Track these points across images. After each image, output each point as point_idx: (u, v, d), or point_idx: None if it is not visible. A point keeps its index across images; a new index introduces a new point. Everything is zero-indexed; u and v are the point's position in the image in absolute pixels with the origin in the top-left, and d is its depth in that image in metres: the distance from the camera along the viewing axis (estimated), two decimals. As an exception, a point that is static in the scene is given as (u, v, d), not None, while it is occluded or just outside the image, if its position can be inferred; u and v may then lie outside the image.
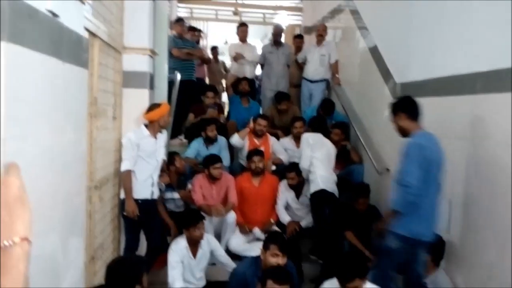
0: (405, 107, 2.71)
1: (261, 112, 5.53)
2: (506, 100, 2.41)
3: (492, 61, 2.53)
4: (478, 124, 2.67)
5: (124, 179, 3.25)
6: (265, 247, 2.75)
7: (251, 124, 4.52)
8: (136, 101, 3.51)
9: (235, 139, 4.47)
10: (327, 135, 4.20)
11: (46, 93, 1.78)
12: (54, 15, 1.77)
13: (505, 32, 2.45)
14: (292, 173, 4.01)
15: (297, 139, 4.55)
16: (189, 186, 4.05)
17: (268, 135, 4.62)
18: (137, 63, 3.52)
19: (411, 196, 2.51)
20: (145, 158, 3.30)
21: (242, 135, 4.49)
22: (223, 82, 8.04)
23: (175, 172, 3.93)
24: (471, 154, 2.73)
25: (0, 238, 0.79)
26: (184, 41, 5.68)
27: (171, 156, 3.96)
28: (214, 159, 3.91)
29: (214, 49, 7.76)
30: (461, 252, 2.80)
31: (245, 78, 5.48)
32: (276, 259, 2.68)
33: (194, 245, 3.17)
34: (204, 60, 6.74)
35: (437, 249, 2.84)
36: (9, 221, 0.80)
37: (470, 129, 2.75)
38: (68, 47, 1.98)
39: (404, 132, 2.71)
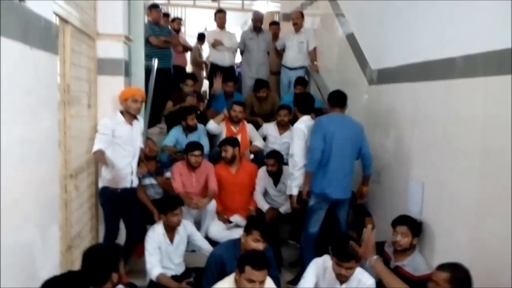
0: (329, 98, 3.63)
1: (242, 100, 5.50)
2: (478, 86, 2.46)
3: (466, 47, 2.57)
4: (451, 109, 2.73)
5: (97, 157, 3.09)
6: (247, 232, 2.78)
7: (225, 110, 4.53)
8: (112, 88, 3.47)
9: (211, 125, 4.48)
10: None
11: (13, 79, 1.74)
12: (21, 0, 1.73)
13: (479, 17, 2.49)
14: (271, 159, 4.03)
15: (281, 126, 4.58)
16: (167, 174, 4.03)
17: (245, 122, 4.62)
18: (112, 50, 3.47)
19: (314, 157, 3.31)
20: (121, 145, 3.26)
21: (218, 120, 4.48)
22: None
23: (144, 157, 3.69)
24: (444, 138, 2.79)
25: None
26: (161, 28, 5.60)
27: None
28: (193, 146, 3.90)
29: (202, 36, 7.65)
30: (434, 234, 2.87)
31: (230, 79, 5.29)
32: (257, 245, 2.71)
33: (171, 231, 3.18)
34: (186, 48, 6.66)
35: (419, 231, 2.92)
36: None
37: (444, 114, 2.81)
38: (36, 32, 1.94)
39: None
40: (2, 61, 1.61)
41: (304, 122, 3.60)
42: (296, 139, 3.51)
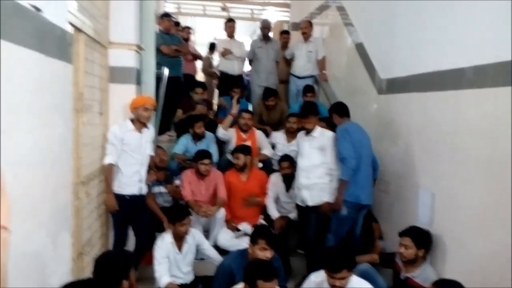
0: (335, 109, 3.69)
1: (250, 108, 5.54)
2: (488, 96, 2.46)
3: (476, 58, 2.57)
4: (461, 119, 2.72)
5: (105, 173, 3.24)
6: (253, 242, 2.79)
7: (234, 110, 4.56)
8: (123, 96, 3.50)
9: (220, 131, 4.51)
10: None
11: (30, 87, 1.78)
12: (38, 9, 1.77)
13: (488, 28, 2.50)
14: (286, 162, 4.04)
15: (289, 134, 4.60)
16: (177, 182, 4.05)
17: (254, 129, 4.64)
18: (124, 58, 3.51)
19: (349, 165, 3.32)
20: (129, 153, 3.29)
21: (225, 125, 4.51)
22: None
23: (153, 166, 3.75)
24: (454, 148, 2.78)
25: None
26: (172, 37, 5.66)
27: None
28: (203, 155, 3.91)
29: (213, 46, 7.76)
30: (445, 245, 2.84)
31: (236, 85, 5.36)
32: (264, 253, 2.72)
33: (179, 240, 3.18)
34: (196, 57, 6.72)
35: (425, 242, 2.89)
36: None
37: (453, 124, 2.80)
38: (52, 41, 1.98)
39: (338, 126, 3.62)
40: (19, 69, 1.64)
41: (327, 131, 3.64)
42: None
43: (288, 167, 4.03)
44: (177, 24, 6.60)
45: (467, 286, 2.17)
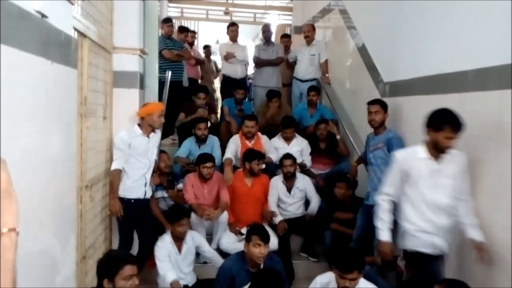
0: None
1: (253, 109, 5.62)
2: (492, 98, 2.46)
3: (479, 60, 2.58)
4: (465, 122, 2.71)
5: (112, 178, 3.26)
6: (247, 240, 2.86)
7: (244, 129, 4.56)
8: (127, 101, 3.53)
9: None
10: None
11: (35, 93, 1.79)
12: (43, 15, 1.79)
13: (491, 30, 2.50)
14: (288, 160, 4.03)
15: (286, 139, 4.62)
16: (178, 186, 4.06)
17: (259, 134, 4.62)
18: (127, 63, 3.53)
19: None
20: (136, 157, 3.30)
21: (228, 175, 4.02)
22: (215, 81, 8.07)
23: (157, 172, 3.78)
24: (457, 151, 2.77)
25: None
26: (174, 42, 5.69)
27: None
28: (205, 158, 3.92)
29: (207, 48, 7.79)
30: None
31: (239, 87, 5.48)
32: (259, 249, 2.79)
33: (178, 240, 3.21)
34: (199, 61, 6.74)
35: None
36: None
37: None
38: (57, 47, 2.00)
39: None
40: (23, 75, 1.66)
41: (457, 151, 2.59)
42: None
43: (291, 165, 4.03)
44: (185, 29, 6.52)
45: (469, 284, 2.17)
